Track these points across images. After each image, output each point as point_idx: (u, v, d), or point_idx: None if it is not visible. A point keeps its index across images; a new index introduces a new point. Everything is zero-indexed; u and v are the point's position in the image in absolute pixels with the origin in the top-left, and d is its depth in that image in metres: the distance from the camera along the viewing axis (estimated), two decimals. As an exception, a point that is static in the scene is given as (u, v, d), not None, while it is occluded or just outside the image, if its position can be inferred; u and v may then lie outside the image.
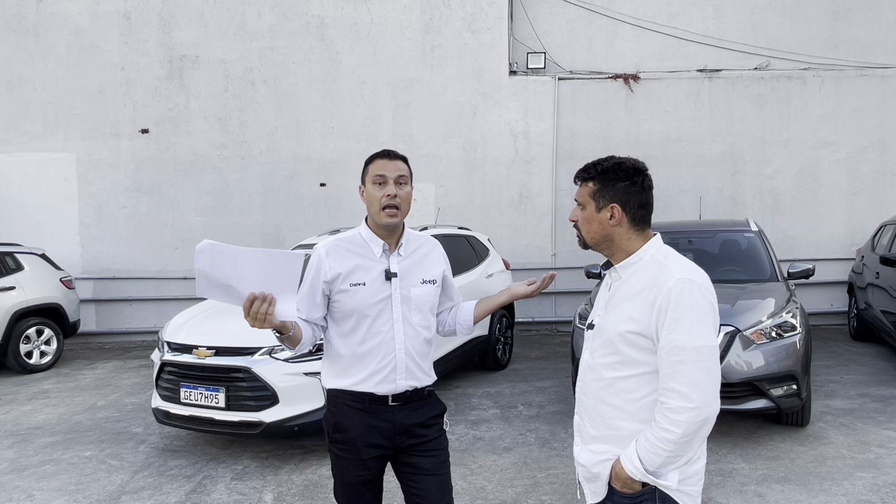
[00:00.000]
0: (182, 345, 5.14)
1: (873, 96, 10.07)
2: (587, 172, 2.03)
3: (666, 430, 1.82)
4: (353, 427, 2.45)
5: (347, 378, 2.45)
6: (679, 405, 1.80)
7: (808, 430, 5.36)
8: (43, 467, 5.12)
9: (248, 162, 10.44)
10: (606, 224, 1.98)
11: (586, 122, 10.31)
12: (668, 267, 1.91)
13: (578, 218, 2.06)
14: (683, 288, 1.84)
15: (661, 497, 1.91)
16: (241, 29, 10.33)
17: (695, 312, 1.82)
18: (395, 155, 2.47)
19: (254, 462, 5.09)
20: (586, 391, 2.06)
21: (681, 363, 1.80)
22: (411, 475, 2.49)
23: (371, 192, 2.43)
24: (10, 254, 8.52)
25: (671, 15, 10.30)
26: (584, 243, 2.08)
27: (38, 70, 10.33)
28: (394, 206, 2.40)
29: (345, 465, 2.48)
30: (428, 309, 2.53)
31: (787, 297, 5.51)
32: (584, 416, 2.08)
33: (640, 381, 1.92)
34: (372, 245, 2.47)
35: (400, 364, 2.44)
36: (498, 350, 7.70)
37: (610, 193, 1.97)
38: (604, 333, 1.98)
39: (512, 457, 5.04)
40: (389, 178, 2.41)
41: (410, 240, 2.56)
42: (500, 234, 10.16)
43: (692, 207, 9.82)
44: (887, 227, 8.28)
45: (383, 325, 2.43)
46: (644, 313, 1.87)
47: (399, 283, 2.46)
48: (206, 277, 2.12)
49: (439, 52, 10.31)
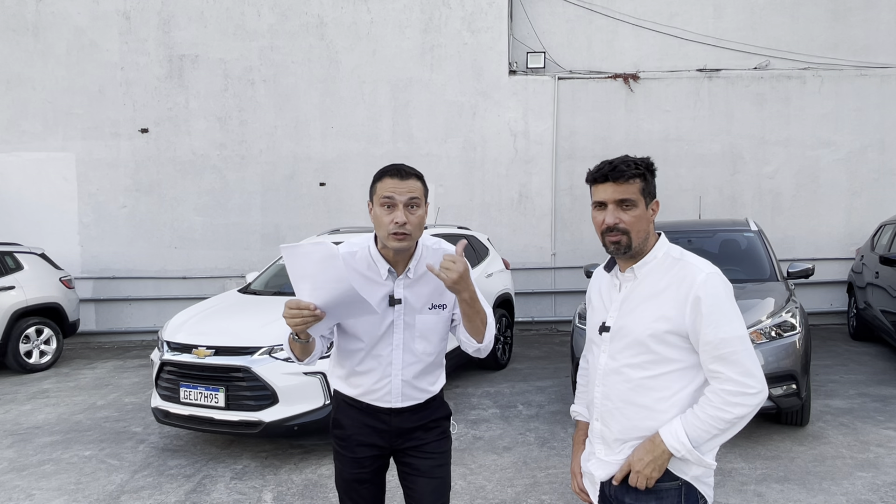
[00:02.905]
0: (182, 344, 5.14)
1: (873, 96, 10.07)
2: (634, 169, 1.91)
3: (722, 410, 1.84)
4: (350, 425, 2.44)
5: (349, 387, 2.44)
6: (740, 391, 1.84)
7: (807, 430, 5.36)
8: (42, 467, 5.12)
9: (248, 161, 10.44)
10: (650, 220, 1.96)
11: (586, 122, 10.31)
12: (692, 262, 1.92)
13: (622, 219, 1.90)
14: (717, 282, 1.87)
15: (686, 492, 1.93)
16: (241, 28, 10.33)
17: (730, 304, 1.87)
18: (408, 172, 2.21)
19: (253, 462, 5.09)
20: (610, 396, 1.99)
21: (732, 354, 1.84)
22: (407, 475, 2.47)
23: (379, 214, 2.21)
24: (9, 253, 8.52)
25: (671, 14, 10.30)
26: (626, 246, 1.92)
27: (38, 69, 10.33)
28: (403, 233, 2.19)
29: (341, 460, 2.49)
30: (436, 337, 2.40)
31: (786, 296, 5.50)
32: (610, 420, 2.00)
33: (671, 379, 1.92)
34: (378, 266, 2.30)
35: (395, 389, 2.36)
36: (498, 350, 7.69)
37: (652, 190, 1.97)
38: (629, 334, 1.94)
39: (511, 456, 5.04)
40: (399, 202, 2.17)
41: (424, 258, 2.32)
42: (499, 234, 10.16)
43: (692, 207, 9.82)
44: (887, 227, 8.29)
45: (383, 350, 2.34)
46: (677, 310, 1.87)
47: (403, 310, 2.32)
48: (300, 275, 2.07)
49: (439, 51, 10.31)
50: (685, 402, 1.91)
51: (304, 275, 2.04)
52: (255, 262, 10.13)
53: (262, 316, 5.40)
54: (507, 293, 8.04)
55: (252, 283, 6.65)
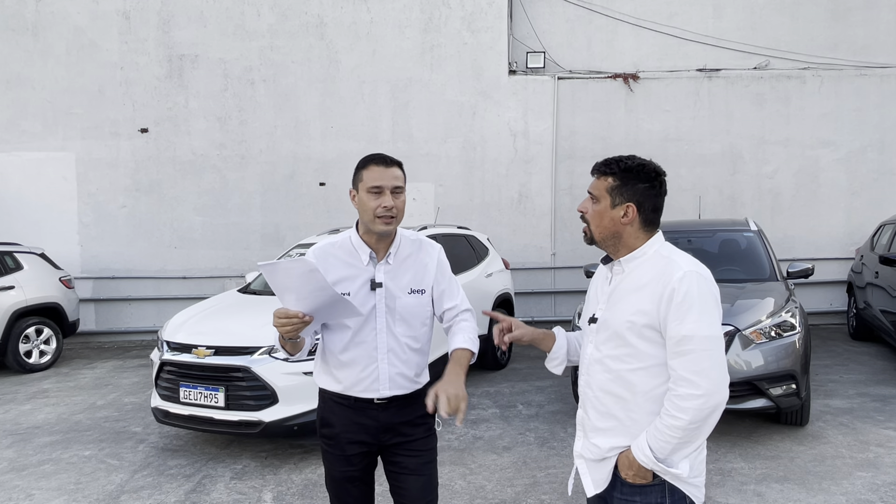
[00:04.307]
0: (181, 344, 5.14)
1: (872, 96, 10.07)
2: (608, 167, 2.00)
3: (674, 417, 1.84)
4: (337, 423, 2.46)
5: (335, 381, 2.46)
6: (687, 392, 1.83)
7: (807, 430, 5.36)
8: (42, 467, 5.12)
9: (248, 161, 10.44)
10: (618, 221, 1.99)
11: (586, 122, 10.31)
12: (676, 261, 1.94)
13: (588, 210, 2.04)
14: (692, 280, 1.88)
15: (670, 489, 1.93)
16: (241, 28, 10.33)
17: (703, 303, 1.86)
18: (391, 161, 2.37)
19: (253, 461, 5.09)
20: (591, 384, 2.06)
21: (690, 352, 1.83)
22: (395, 473, 2.49)
23: (365, 201, 2.34)
24: (9, 253, 8.52)
25: (670, 14, 10.31)
26: (590, 238, 2.06)
27: (38, 69, 10.32)
28: (390, 216, 2.33)
29: (330, 460, 2.50)
30: (417, 321, 2.45)
31: (786, 296, 5.51)
32: (589, 408, 2.08)
33: (648, 374, 1.94)
34: (360, 252, 2.41)
35: (383, 374, 2.39)
36: (497, 350, 7.70)
37: (628, 192, 1.98)
38: (610, 326, 1.99)
39: (511, 456, 5.04)
40: (386, 189, 2.32)
41: (403, 245, 2.46)
42: (499, 234, 10.16)
43: (691, 207, 9.82)
44: (886, 227, 8.29)
45: (367, 335, 2.38)
46: (653, 304, 1.89)
47: (384, 293, 2.39)
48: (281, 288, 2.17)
49: (439, 51, 10.31)
50: (660, 399, 1.92)
51: (288, 287, 2.13)
52: (255, 261, 10.12)
53: (261, 316, 5.38)
54: (507, 293, 8.04)
55: (252, 282, 6.65)
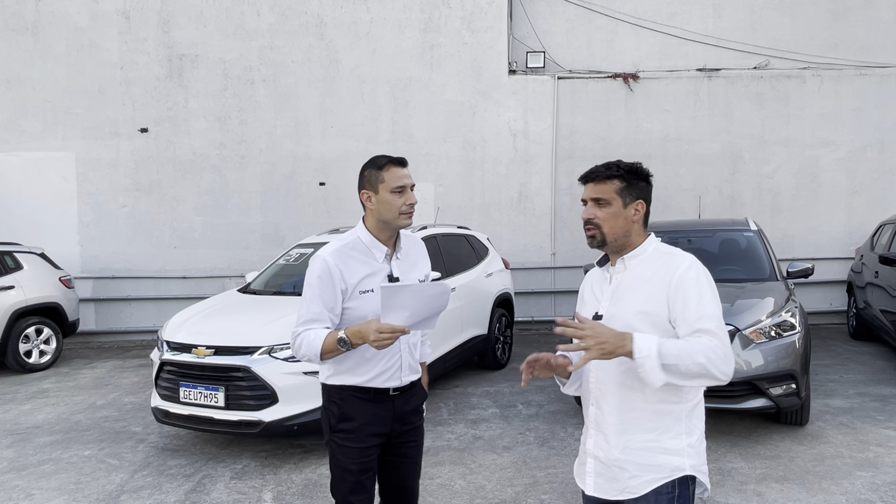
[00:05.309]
0: (181, 344, 5.14)
1: (872, 95, 10.07)
2: (612, 170, 2.10)
3: (698, 352, 1.88)
4: (359, 416, 2.59)
5: (356, 377, 2.58)
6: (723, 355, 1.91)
7: (807, 430, 5.36)
8: (42, 466, 5.12)
9: (248, 161, 10.44)
10: (631, 219, 2.11)
11: (586, 122, 10.31)
12: (678, 255, 2.09)
13: (597, 215, 2.10)
14: (699, 269, 2.03)
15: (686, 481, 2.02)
16: (241, 28, 10.33)
17: (711, 290, 2.02)
18: (405, 162, 2.63)
19: (253, 461, 5.09)
20: (605, 380, 2.10)
21: (707, 330, 1.93)
22: (399, 463, 2.71)
23: (390, 200, 2.53)
24: (9, 253, 8.52)
25: (670, 14, 10.30)
26: (601, 241, 2.11)
27: (37, 69, 10.32)
28: (412, 212, 2.58)
29: (347, 454, 2.58)
30: None
31: (786, 296, 5.51)
32: (604, 404, 2.10)
33: None
34: (374, 250, 2.60)
35: (405, 362, 2.63)
36: (497, 349, 7.70)
37: (636, 191, 2.11)
38: (620, 320, 2.03)
39: (511, 456, 5.04)
40: (407, 187, 2.57)
41: (403, 242, 2.70)
42: (499, 234, 10.16)
43: (691, 206, 9.82)
44: (886, 227, 8.29)
45: None
46: (661, 294, 2.01)
47: None
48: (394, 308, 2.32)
49: (439, 51, 10.31)
50: (672, 387, 1.96)
51: (405, 306, 2.30)
52: (255, 261, 10.12)
53: (261, 316, 5.40)
54: (507, 293, 8.04)
55: (252, 282, 6.65)
